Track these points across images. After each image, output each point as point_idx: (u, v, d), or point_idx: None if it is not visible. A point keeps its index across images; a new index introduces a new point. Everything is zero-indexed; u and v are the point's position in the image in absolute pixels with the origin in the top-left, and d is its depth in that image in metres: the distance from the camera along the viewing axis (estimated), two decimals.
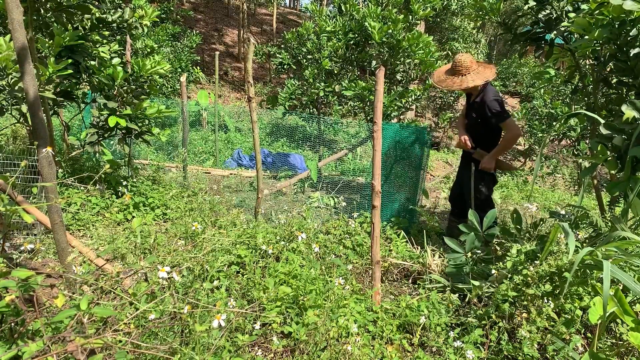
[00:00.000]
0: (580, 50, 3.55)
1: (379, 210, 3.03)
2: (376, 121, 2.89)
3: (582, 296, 2.74)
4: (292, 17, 31.28)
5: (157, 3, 19.07)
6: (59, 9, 4.31)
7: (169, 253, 2.83)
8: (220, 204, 5.34)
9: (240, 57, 22.98)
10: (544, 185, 11.43)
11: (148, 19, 5.68)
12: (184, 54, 16.04)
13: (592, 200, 8.61)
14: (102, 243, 3.89)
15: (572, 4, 3.79)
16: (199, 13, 26.47)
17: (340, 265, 3.25)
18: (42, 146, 2.37)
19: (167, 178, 5.89)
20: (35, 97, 2.35)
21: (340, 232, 4.09)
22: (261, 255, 3.19)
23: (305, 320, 2.49)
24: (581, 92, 4.27)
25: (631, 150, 2.69)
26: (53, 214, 2.47)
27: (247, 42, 22.32)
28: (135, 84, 5.22)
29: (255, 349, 2.47)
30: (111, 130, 5.06)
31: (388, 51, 7.40)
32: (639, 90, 3.18)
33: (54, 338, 1.60)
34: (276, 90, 18.34)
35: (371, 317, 2.79)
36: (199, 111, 14.83)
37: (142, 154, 10.26)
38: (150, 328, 2.09)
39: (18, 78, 4.07)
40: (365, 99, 7.45)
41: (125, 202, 4.71)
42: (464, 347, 2.46)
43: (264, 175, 8.94)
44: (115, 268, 2.16)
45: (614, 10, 3.00)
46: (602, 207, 3.99)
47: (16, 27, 2.25)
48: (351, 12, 7.90)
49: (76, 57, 4.64)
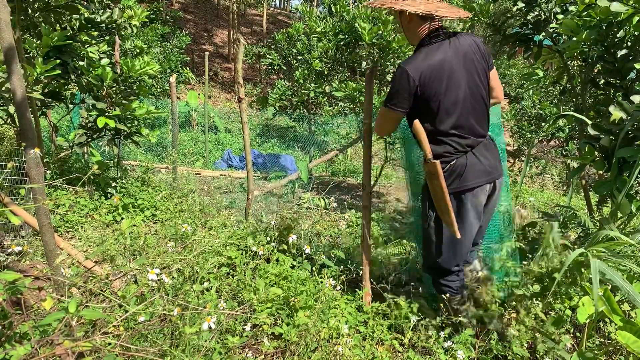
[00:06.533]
0: (568, 52, 3.58)
1: (369, 210, 3.03)
2: (366, 122, 2.89)
3: (571, 296, 2.76)
4: (282, 18, 31.27)
5: (146, 3, 18.98)
6: (47, 9, 4.27)
7: (159, 255, 2.81)
8: (211, 205, 5.32)
9: (230, 57, 22.93)
10: (533, 185, 11.52)
11: (137, 20, 5.66)
12: (174, 55, 15.97)
13: (580, 200, 8.69)
14: (91, 245, 3.86)
15: (561, 6, 3.82)
16: (188, 13, 26.38)
17: (330, 266, 3.25)
18: (30, 147, 2.35)
19: (157, 179, 5.86)
20: (22, 97, 2.33)
21: (331, 232, 4.09)
22: (251, 256, 3.18)
23: (296, 322, 2.49)
24: (569, 93, 4.30)
25: (618, 152, 2.72)
26: (41, 215, 2.44)
27: (237, 42, 22.27)
28: (125, 85, 5.19)
29: (246, 351, 2.46)
30: (100, 131, 5.02)
31: (378, 52, 7.42)
32: (626, 91, 3.21)
33: (42, 341, 1.59)
34: (266, 91, 18.33)
35: (362, 318, 2.80)
36: (188, 112, 14.80)
37: (132, 155, 10.21)
38: (139, 330, 2.07)
39: (5, 78, 4.02)
40: (355, 99, 7.47)
41: (115, 203, 4.68)
42: (455, 347, 2.46)
43: (255, 176, 8.92)
44: (104, 270, 2.14)
45: (601, 12, 3.03)
46: (590, 207, 4.02)
47: (3, 27, 2.23)
48: (341, 13, 7.92)
49: (64, 57, 4.60)
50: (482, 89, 2.42)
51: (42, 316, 2.04)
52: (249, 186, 4.33)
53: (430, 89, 2.29)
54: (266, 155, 11.44)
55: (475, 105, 2.40)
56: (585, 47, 3.47)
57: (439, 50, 2.33)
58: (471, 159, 2.40)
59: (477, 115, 2.41)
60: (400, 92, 2.33)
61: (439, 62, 2.30)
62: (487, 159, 2.45)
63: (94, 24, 5.06)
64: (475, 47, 2.40)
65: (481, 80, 2.41)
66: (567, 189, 10.28)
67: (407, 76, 2.28)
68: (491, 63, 2.48)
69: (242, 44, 4.02)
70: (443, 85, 2.30)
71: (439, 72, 2.29)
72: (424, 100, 2.32)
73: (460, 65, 2.33)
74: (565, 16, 3.59)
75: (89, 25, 5.03)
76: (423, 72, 2.27)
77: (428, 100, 2.31)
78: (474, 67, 2.37)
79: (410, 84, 2.28)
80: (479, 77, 2.40)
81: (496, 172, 2.49)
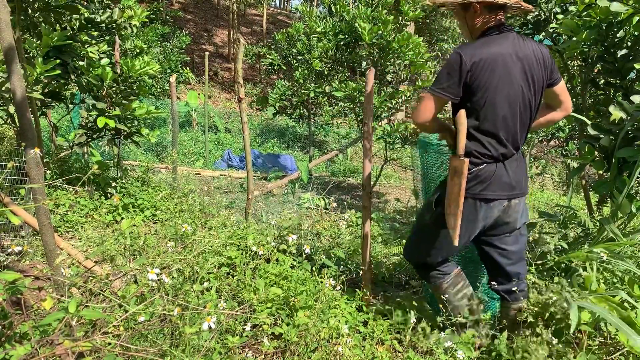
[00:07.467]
0: (568, 52, 3.58)
1: (369, 210, 3.03)
2: (367, 122, 2.89)
3: None
4: (282, 18, 31.27)
5: (146, 3, 18.99)
6: (47, 9, 4.27)
7: (159, 255, 2.81)
8: (211, 205, 5.32)
9: (230, 57, 22.93)
10: (533, 185, 11.52)
11: (137, 19, 5.65)
12: (174, 55, 15.99)
13: (580, 200, 8.69)
14: (91, 245, 3.86)
15: (561, 6, 3.82)
16: (188, 13, 26.38)
17: (330, 266, 3.25)
18: (30, 147, 2.35)
19: (157, 179, 5.86)
20: (22, 97, 2.33)
21: (331, 232, 4.09)
22: (251, 256, 3.18)
23: (296, 322, 2.49)
24: (569, 93, 4.30)
25: (618, 152, 2.72)
26: (41, 215, 2.44)
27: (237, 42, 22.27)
28: (125, 85, 5.19)
29: (246, 351, 2.46)
30: (100, 131, 5.03)
31: (378, 52, 7.42)
32: (626, 91, 3.21)
33: (42, 341, 1.59)
34: (266, 91, 18.33)
35: (362, 318, 2.80)
36: (188, 112, 14.79)
37: (132, 155, 10.21)
38: (139, 330, 2.07)
39: (5, 78, 4.02)
40: (355, 99, 7.46)
41: (115, 203, 4.68)
42: (455, 347, 2.46)
43: (255, 176, 8.92)
44: (104, 270, 2.14)
45: (601, 12, 3.04)
46: (590, 207, 4.02)
47: (3, 27, 2.23)
48: (341, 13, 7.92)
49: (64, 57, 4.60)
50: (534, 100, 2.26)
51: (42, 316, 2.04)
52: (249, 186, 4.33)
53: (481, 78, 2.13)
54: (266, 155, 11.44)
55: (523, 113, 2.24)
56: (585, 47, 3.48)
57: (498, 42, 2.18)
58: (500, 170, 2.26)
59: (522, 123, 2.26)
60: (452, 76, 2.16)
61: (495, 53, 2.14)
62: (516, 173, 2.31)
63: (94, 24, 5.06)
64: (540, 54, 2.23)
65: (536, 89, 2.24)
66: (567, 189, 10.28)
67: (460, 59, 2.12)
68: (558, 77, 2.32)
69: (242, 44, 4.02)
70: (495, 77, 2.14)
71: (494, 63, 2.13)
72: (471, 90, 2.16)
73: (517, 66, 2.17)
74: (565, 16, 3.59)
75: (89, 25, 5.03)
76: (476, 58, 2.12)
77: (476, 91, 2.16)
78: (531, 73, 2.21)
79: (463, 67, 2.12)
80: (534, 86, 2.23)
81: (519, 188, 2.34)
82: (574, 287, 2.46)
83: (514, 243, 2.46)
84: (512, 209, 2.36)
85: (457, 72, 2.14)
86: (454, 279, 2.55)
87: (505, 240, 2.44)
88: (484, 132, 2.22)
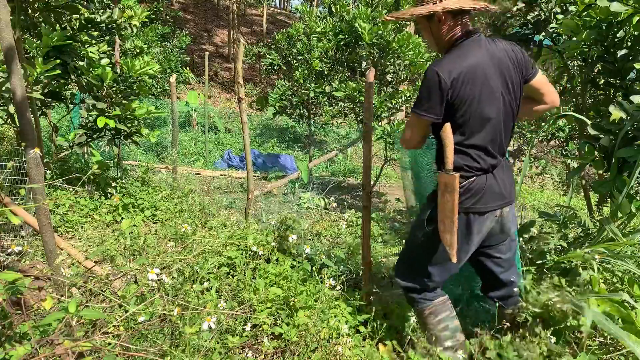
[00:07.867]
0: (568, 52, 3.58)
1: (369, 210, 3.03)
2: (367, 122, 2.89)
3: None
4: (282, 18, 31.28)
5: (146, 3, 18.99)
6: (47, 9, 4.28)
7: (159, 255, 2.81)
8: (211, 205, 5.32)
9: (230, 57, 22.94)
10: (533, 185, 11.52)
11: (137, 20, 5.65)
12: (174, 55, 15.98)
13: (580, 200, 8.69)
14: (91, 245, 3.86)
15: (561, 6, 3.82)
16: (188, 13, 26.39)
17: (330, 266, 3.25)
18: (30, 147, 2.35)
19: (157, 179, 5.86)
20: (22, 97, 2.33)
21: (331, 232, 4.09)
22: (251, 256, 3.18)
23: (296, 321, 2.49)
24: (569, 93, 4.30)
25: (618, 152, 2.72)
26: (41, 215, 2.44)
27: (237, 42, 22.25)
28: (125, 85, 5.19)
29: (246, 351, 2.46)
30: (100, 131, 5.03)
31: (378, 52, 7.42)
32: (626, 91, 3.21)
33: (42, 341, 1.59)
34: (266, 91, 18.33)
35: (362, 318, 2.79)
36: (188, 112, 14.80)
37: (132, 155, 10.21)
38: (139, 330, 2.07)
39: (5, 78, 4.02)
40: (355, 99, 7.47)
41: (115, 203, 4.68)
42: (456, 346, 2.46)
43: (255, 176, 8.92)
44: (104, 270, 2.14)
45: (601, 12, 3.04)
46: (590, 207, 4.02)
47: (3, 27, 2.23)
48: (341, 13, 7.92)
49: (64, 57, 4.60)
50: (514, 103, 2.18)
51: (42, 316, 2.04)
52: (249, 186, 4.33)
53: (462, 93, 2.04)
54: (266, 155, 11.45)
55: (507, 120, 2.18)
56: (585, 47, 3.48)
57: (472, 52, 2.09)
58: (490, 181, 2.19)
59: (506, 131, 2.20)
60: (432, 95, 2.06)
61: (473, 65, 2.05)
62: (504, 181, 2.24)
63: (94, 24, 5.06)
64: (512, 54, 2.16)
65: (515, 91, 2.17)
66: (567, 189, 10.27)
67: (439, 78, 2.03)
68: (534, 71, 2.22)
69: (242, 44, 4.02)
70: (476, 90, 2.05)
71: (473, 75, 2.05)
72: (454, 106, 2.07)
73: (496, 73, 2.10)
74: (565, 16, 3.59)
75: (89, 25, 5.03)
76: (455, 74, 2.03)
77: (459, 107, 2.07)
78: (509, 76, 2.14)
79: (443, 86, 2.02)
80: (513, 88, 2.16)
81: (509, 197, 2.26)
82: (574, 287, 2.46)
83: (508, 250, 2.42)
84: (505, 218, 2.30)
85: (437, 92, 2.05)
86: (437, 307, 2.43)
87: (499, 249, 2.40)
88: (472, 146, 2.15)
